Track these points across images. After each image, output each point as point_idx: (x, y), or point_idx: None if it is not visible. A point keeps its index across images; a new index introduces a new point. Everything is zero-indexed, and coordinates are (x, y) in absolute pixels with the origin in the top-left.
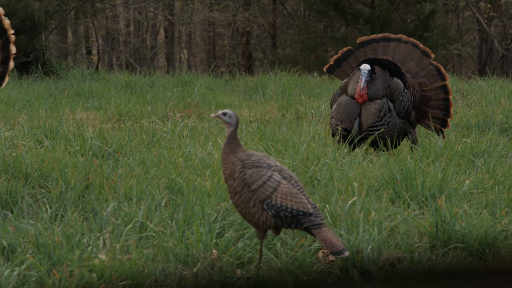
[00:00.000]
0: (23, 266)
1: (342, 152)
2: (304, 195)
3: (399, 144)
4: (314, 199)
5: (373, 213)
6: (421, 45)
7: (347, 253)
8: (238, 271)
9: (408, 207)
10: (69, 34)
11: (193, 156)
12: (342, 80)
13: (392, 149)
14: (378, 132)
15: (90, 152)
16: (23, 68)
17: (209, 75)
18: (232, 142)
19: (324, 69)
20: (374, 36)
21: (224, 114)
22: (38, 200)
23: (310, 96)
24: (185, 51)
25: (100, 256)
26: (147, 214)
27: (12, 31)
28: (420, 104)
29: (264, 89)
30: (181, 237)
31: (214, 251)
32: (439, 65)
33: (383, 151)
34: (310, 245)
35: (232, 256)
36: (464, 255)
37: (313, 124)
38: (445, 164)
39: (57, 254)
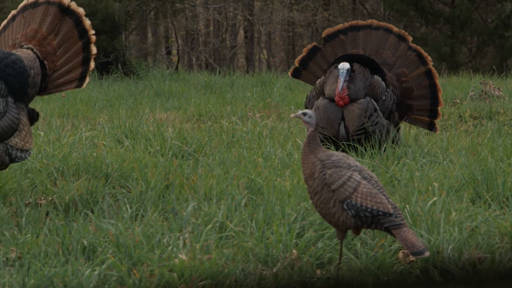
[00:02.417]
0: (104, 266)
1: (422, 152)
2: (384, 195)
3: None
4: (394, 199)
5: (454, 213)
6: (395, 28)
7: (427, 254)
8: (318, 271)
9: (489, 208)
10: (149, 35)
11: (273, 156)
12: (312, 83)
13: (379, 151)
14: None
15: (170, 152)
16: (103, 68)
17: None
18: (312, 142)
19: (289, 74)
20: (340, 26)
21: (304, 114)
22: (118, 200)
23: None
24: (264, 51)
25: (180, 256)
26: (227, 214)
27: (92, 32)
28: (402, 99)
29: None
30: (261, 237)
31: (294, 251)
32: (418, 48)
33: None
34: (390, 245)
35: (312, 256)
36: None
37: None
38: None
39: (137, 254)
